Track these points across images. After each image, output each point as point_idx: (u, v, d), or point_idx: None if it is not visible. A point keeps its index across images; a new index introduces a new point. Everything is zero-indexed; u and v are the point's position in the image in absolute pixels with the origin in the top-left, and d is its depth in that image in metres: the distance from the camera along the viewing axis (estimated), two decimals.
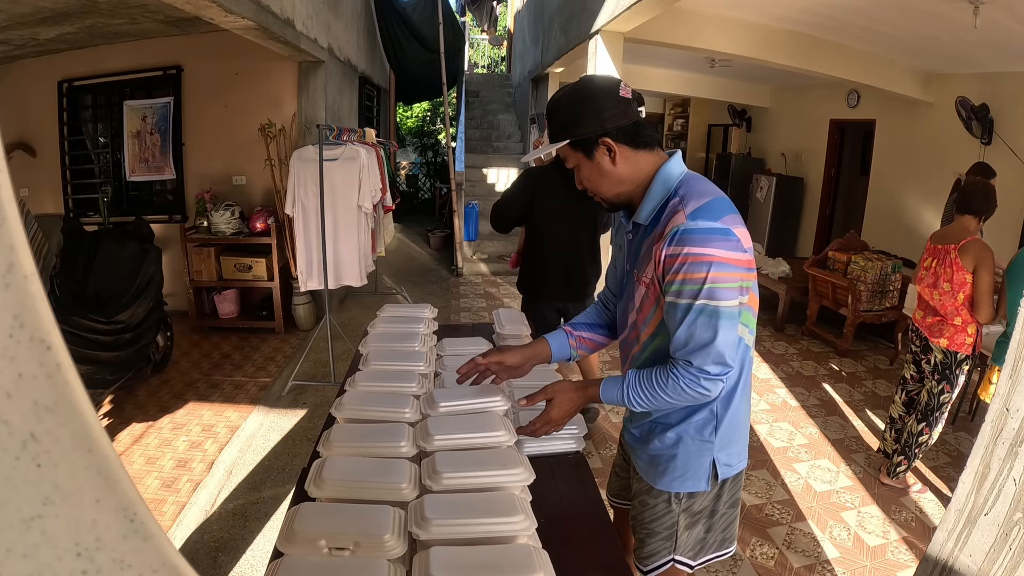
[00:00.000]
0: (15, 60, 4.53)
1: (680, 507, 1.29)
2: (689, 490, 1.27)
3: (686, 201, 1.14)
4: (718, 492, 1.29)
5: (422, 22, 7.22)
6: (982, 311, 2.41)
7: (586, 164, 1.21)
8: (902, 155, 5.82)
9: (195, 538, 2.33)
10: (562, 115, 1.20)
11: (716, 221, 1.10)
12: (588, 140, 1.18)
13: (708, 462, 1.25)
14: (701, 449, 1.24)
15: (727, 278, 1.08)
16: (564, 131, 1.20)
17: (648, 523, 1.34)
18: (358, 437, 1.22)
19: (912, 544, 2.41)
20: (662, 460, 1.28)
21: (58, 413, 0.25)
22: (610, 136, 1.17)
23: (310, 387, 3.65)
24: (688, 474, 1.26)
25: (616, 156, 1.18)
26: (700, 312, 1.09)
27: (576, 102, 1.19)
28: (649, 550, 1.35)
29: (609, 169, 1.20)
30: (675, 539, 1.32)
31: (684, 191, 1.17)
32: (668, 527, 1.32)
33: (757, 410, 3.56)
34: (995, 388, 0.98)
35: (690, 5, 4.30)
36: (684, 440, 1.24)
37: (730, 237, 1.10)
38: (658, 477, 1.29)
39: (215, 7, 2.66)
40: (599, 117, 1.16)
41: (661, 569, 1.34)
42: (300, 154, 3.80)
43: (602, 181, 1.22)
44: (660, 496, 1.30)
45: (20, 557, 0.24)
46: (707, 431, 1.23)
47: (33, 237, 3.16)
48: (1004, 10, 3.39)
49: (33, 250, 0.31)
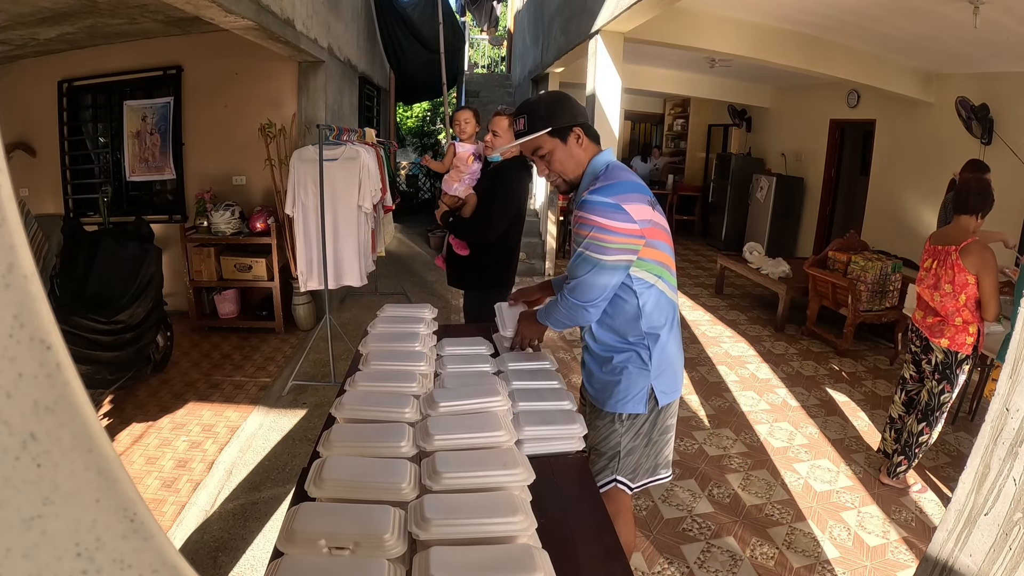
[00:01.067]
0: (15, 60, 4.53)
1: (623, 427, 1.61)
2: (630, 411, 1.59)
3: (599, 182, 1.51)
4: (655, 419, 1.62)
5: (422, 22, 7.22)
6: (990, 312, 2.42)
7: (560, 148, 1.57)
8: (902, 155, 5.82)
9: (195, 538, 2.33)
10: (543, 110, 1.55)
11: (608, 197, 1.45)
12: (565, 128, 1.55)
13: (646, 388, 1.58)
14: (640, 375, 1.57)
15: (605, 239, 1.45)
16: (544, 122, 1.54)
17: (596, 444, 1.65)
18: (358, 437, 1.22)
19: (912, 544, 2.41)
20: (609, 385, 1.61)
21: (58, 413, 0.25)
22: (579, 126, 1.56)
23: (310, 387, 3.65)
24: (629, 397, 1.58)
25: (582, 143, 1.58)
26: (578, 257, 1.51)
27: (553, 101, 1.58)
28: (595, 469, 1.64)
29: (576, 153, 1.58)
30: (617, 459, 1.63)
31: (604, 176, 1.53)
32: (612, 447, 1.63)
33: (757, 410, 3.57)
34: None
35: (690, 5, 4.30)
36: (628, 369, 1.58)
37: (618, 211, 1.44)
38: (605, 400, 1.62)
39: (215, 7, 2.66)
40: (572, 112, 1.57)
41: (605, 488, 1.63)
42: (300, 154, 3.80)
43: (569, 163, 1.59)
44: (606, 417, 1.63)
45: (20, 557, 0.24)
46: (644, 359, 1.57)
47: (33, 237, 3.16)
48: (1004, 10, 3.39)
49: (33, 250, 0.31)
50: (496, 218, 2.65)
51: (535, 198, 7.96)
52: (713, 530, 2.46)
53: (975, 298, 2.45)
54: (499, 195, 2.68)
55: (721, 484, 2.79)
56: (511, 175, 2.71)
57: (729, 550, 2.34)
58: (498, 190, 2.68)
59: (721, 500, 2.67)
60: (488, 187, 2.73)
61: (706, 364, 4.27)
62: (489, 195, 2.70)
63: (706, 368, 4.20)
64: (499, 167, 2.72)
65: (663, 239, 1.56)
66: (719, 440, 3.20)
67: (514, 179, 2.72)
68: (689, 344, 4.61)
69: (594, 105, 4.60)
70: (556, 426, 1.42)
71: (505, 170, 2.70)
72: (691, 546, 2.36)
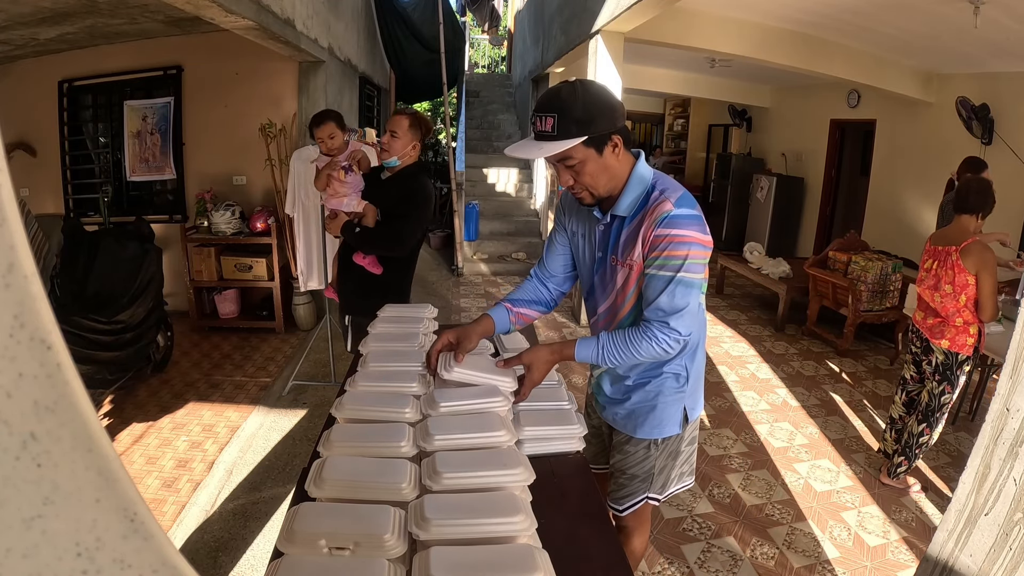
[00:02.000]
0: (15, 60, 4.53)
1: (657, 451, 1.52)
2: (665, 435, 1.50)
3: (668, 193, 1.31)
4: (684, 433, 1.53)
5: (422, 22, 7.22)
6: (987, 312, 2.42)
7: (594, 160, 1.29)
8: (902, 155, 5.81)
9: (195, 538, 2.34)
10: (581, 112, 1.24)
11: (694, 209, 1.30)
12: (603, 136, 1.27)
13: (680, 409, 1.48)
14: (675, 397, 1.47)
15: (700, 256, 1.28)
16: (581, 128, 1.25)
17: (629, 469, 1.55)
18: (358, 437, 1.22)
19: (912, 544, 2.41)
20: (642, 412, 1.49)
21: (58, 413, 0.25)
22: (618, 133, 1.29)
23: (310, 387, 3.65)
24: (664, 422, 1.48)
25: (619, 153, 1.32)
26: (679, 283, 1.27)
27: (593, 102, 1.25)
28: (627, 492, 1.56)
29: (612, 165, 1.32)
30: (651, 480, 1.54)
31: (661, 185, 1.34)
32: (646, 471, 1.54)
33: (758, 410, 3.57)
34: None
35: (690, 5, 4.30)
36: (663, 393, 1.46)
37: (703, 223, 1.30)
38: (638, 428, 1.50)
39: (215, 7, 2.66)
40: (612, 115, 1.27)
41: (636, 507, 1.56)
42: (300, 154, 3.80)
43: (602, 176, 1.32)
44: (640, 444, 1.52)
45: (20, 557, 0.24)
46: (680, 383, 1.46)
47: (33, 237, 3.16)
48: (1004, 10, 3.39)
49: (33, 250, 0.31)
50: (414, 223, 2.38)
51: (536, 198, 7.96)
52: (713, 530, 2.46)
53: (975, 299, 2.45)
54: (413, 198, 2.39)
55: (721, 484, 2.79)
56: (418, 177, 2.44)
57: (729, 550, 2.35)
58: (411, 194, 2.39)
59: (721, 500, 2.67)
60: (395, 193, 2.42)
61: (706, 364, 4.27)
62: (401, 200, 2.40)
63: (707, 368, 4.19)
64: (401, 173, 2.43)
65: None
66: (719, 440, 3.20)
67: (422, 181, 2.44)
68: None
69: None
70: (556, 426, 1.42)
71: (408, 175, 2.43)
72: (691, 546, 2.36)
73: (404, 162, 2.41)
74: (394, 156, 2.37)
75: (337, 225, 2.44)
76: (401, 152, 2.37)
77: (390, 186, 2.44)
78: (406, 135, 2.37)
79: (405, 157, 2.39)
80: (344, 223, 2.43)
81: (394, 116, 2.40)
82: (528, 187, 8.38)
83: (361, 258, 2.45)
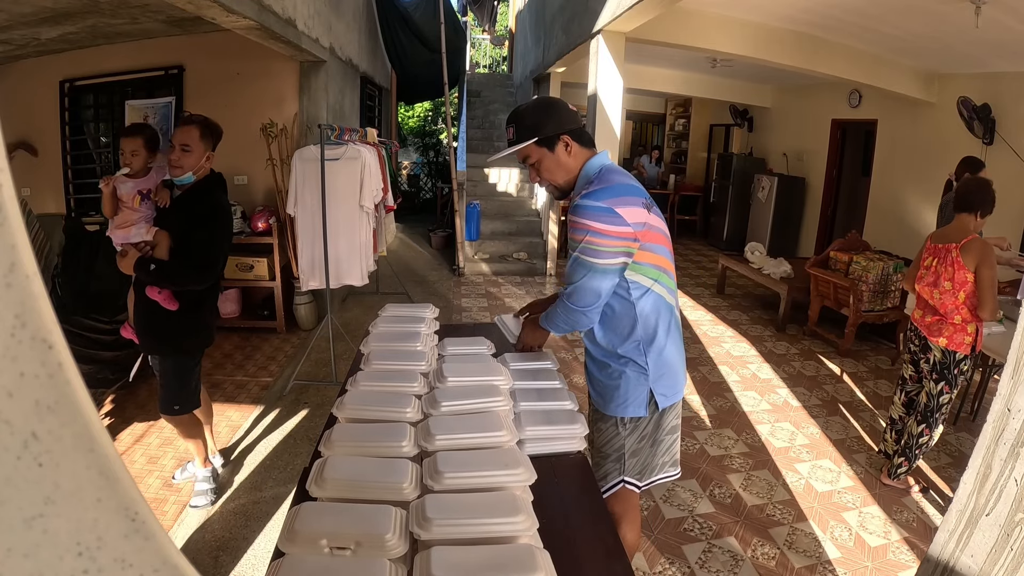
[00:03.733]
0: (17, 60, 4.54)
1: (626, 431, 1.62)
2: (631, 415, 1.60)
3: (593, 185, 1.51)
4: (658, 420, 1.63)
5: (423, 22, 7.22)
6: (986, 308, 2.41)
7: (548, 157, 1.57)
8: (904, 155, 5.81)
9: (196, 537, 2.34)
10: (530, 120, 1.55)
11: (600, 201, 1.46)
12: (552, 137, 1.55)
13: (646, 391, 1.58)
14: (639, 380, 1.58)
15: (598, 243, 1.46)
16: (531, 131, 1.55)
17: (601, 446, 1.67)
18: (359, 437, 1.22)
19: (913, 544, 2.41)
20: (609, 389, 1.62)
21: (59, 413, 0.25)
22: (567, 134, 1.55)
23: (311, 387, 3.65)
24: (629, 401, 1.59)
25: (571, 150, 1.56)
26: (573, 262, 1.51)
27: (541, 109, 1.57)
28: (602, 472, 1.66)
29: (565, 160, 1.57)
30: (623, 461, 1.64)
31: (597, 180, 1.53)
32: (616, 449, 1.64)
33: (759, 410, 3.56)
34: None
35: (692, 5, 4.30)
36: (625, 373, 1.58)
37: (609, 214, 1.45)
38: (607, 404, 1.63)
39: (217, 7, 2.66)
40: (559, 119, 1.56)
41: (613, 490, 1.65)
42: (301, 154, 3.80)
43: (558, 170, 1.59)
44: (609, 420, 1.64)
45: (21, 556, 0.24)
46: (641, 364, 1.57)
47: (35, 237, 3.16)
48: (1005, 10, 3.38)
49: (35, 249, 0.31)
50: (218, 249, 2.15)
51: (537, 198, 7.97)
52: (714, 530, 2.46)
53: (973, 296, 2.44)
54: (212, 217, 2.15)
55: (722, 484, 2.79)
56: (213, 193, 2.20)
57: (730, 550, 2.34)
58: (209, 213, 2.15)
59: (722, 500, 2.67)
60: (189, 214, 2.15)
61: (707, 364, 4.27)
62: (199, 222, 2.12)
63: (707, 368, 4.19)
64: (193, 189, 2.18)
65: (660, 242, 1.55)
66: (720, 440, 3.19)
67: (218, 197, 2.21)
68: (690, 344, 4.61)
69: (596, 105, 4.60)
70: (557, 426, 1.42)
71: (203, 191, 2.19)
72: (692, 546, 2.36)
73: (198, 176, 2.17)
74: (188, 172, 2.12)
75: (129, 263, 2.09)
76: (196, 167, 2.13)
77: (182, 206, 2.17)
78: (199, 147, 2.13)
79: (200, 171, 2.16)
80: (137, 260, 2.09)
81: (182, 127, 2.13)
82: (529, 187, 8.39)
83: (156, 292, 2.15)
